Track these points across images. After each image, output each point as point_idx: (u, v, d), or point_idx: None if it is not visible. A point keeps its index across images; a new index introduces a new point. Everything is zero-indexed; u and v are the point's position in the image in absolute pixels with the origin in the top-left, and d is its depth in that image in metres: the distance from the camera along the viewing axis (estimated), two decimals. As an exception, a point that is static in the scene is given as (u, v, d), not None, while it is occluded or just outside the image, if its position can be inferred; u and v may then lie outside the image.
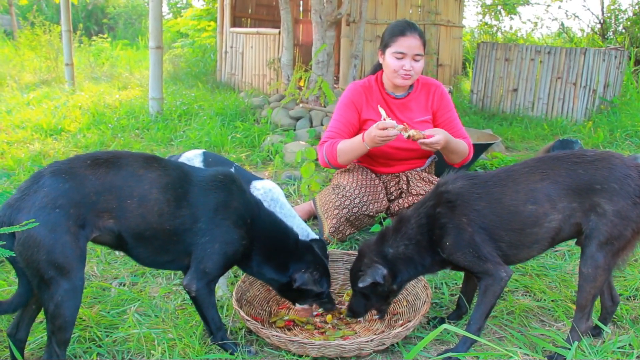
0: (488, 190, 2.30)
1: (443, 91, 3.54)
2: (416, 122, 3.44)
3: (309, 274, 2.33)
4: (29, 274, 1.94)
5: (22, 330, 2.17)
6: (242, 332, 2.49)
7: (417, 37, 3.28)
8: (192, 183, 2.23)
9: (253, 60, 9.93)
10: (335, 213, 3.37)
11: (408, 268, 2.38)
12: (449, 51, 9.90)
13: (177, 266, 2.30)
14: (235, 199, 2.29)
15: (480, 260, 2.25)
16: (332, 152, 3.34)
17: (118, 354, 2.34)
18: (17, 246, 1.90)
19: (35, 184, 1.98)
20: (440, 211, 2.31)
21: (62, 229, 1.92)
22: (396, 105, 3.46)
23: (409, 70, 3.27)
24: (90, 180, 2.02)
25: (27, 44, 13.43)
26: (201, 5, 14.72)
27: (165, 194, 2.14)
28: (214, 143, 5.78)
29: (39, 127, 6.63)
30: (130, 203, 2.07)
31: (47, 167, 2.05)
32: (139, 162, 2.16)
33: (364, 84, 3.50)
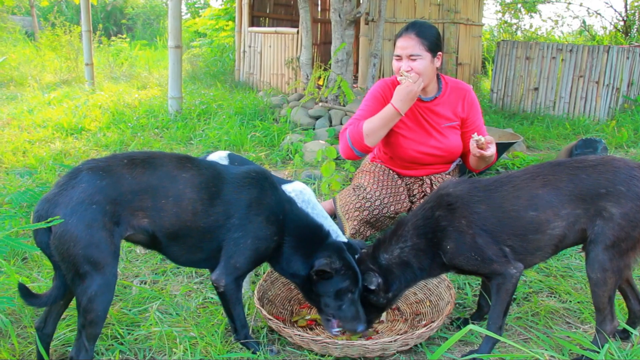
0: (489, 195, 2.27)
1: (473, 97, 3.43)
2: (444, 127, 3.36)
3: (328, 260, 2.27)
4: (63, 268, 1.96)
5: (50, 325, 2.19)
6: (264, 331, 2.47)
7: (412, 36, 3.15)
8: (225, 181, 2.24)
9: (271, 60, 9.93)
10: (355, 215, 3.33)
11: (405, 273, 2.34)
12: (469, 50, 9.83)
13: (210, 264, 2.30)
14: (267, 195, 2.30)
15: (485, 262, 2.22)
16: (358, 133, 3.16)
17: (140, 352, 2.34)
18: (54, 240, 1.91)
19: (73, 179, 2.00)
20: (440, 214, 2.28)
21: (98, 225, 1.94)
22: (423, 109, 3.36)
23: (407, 70, 3.14)
24: (126, 179, 2.04)
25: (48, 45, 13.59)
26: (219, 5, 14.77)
27: (199, 193, 2.16)
28: (234, 142, 5.78)
29: (59, 126, 6.69)
30: (165, 203, 2.09)
31: (85, 164, 2.08)
32: (173, 163, 2.18)
33: (392, 82, 3.39)
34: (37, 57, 13.48)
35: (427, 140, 3.35)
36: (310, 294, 2.39)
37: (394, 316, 2.71)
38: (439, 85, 3.39)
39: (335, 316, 2.33)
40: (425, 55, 3.14)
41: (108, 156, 2.19)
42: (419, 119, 3.35)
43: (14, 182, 4.46)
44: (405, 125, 3.36)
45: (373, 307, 2.41)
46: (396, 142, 3.38)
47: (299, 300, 2.79)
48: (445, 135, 3.37)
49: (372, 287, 2.28)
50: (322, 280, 2.29)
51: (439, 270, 2.41)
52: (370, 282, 2.29)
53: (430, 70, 3.20)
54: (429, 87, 3.33)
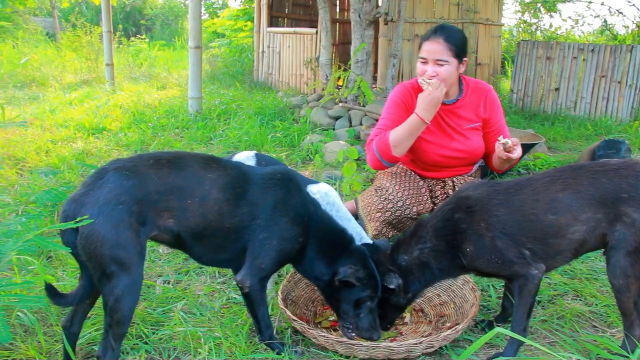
0: (508, 198, 2.25)
1: (494, 97, 3.39)
2: (466, 129, 3.34)
3: (353, 270, 2.27)
4: (90, 268, 1.97)
5: (76, 324, 2.21)
6: (288, 332, 2.47)
7: (440, 41, 3.11)
8: (251, 182, 2.25)
9: (290, 60, 9.94)
10: (377, 216, 3.31)
11: (424, 274, 2.34)
12: (488, 50, 9.76)
13: (235, 264, 2.31)
14: (293, 197, 2.30)
15: (505, 264, 2.20)
16: (385, 144, 3.15)
17: (164, 352, 2.35)
18: (81, 240, 1.93)
19: (100, 179, 2.01)
20: (459, 217, 2.27)
21: (124, 225, 1.95)
22: (444, 112, 3.31)
23: (432, 75, 3.11)
24: (153, 179, 2.05)
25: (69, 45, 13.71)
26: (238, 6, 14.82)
27: (225, 193, 2.16)
28: (254, 142, 5.79)
29: (81, 126, 6.74)
30: (191, 203, 2.10)
31: (111, 164, 2.09)
32: (199, 163, 2.19)
33: (412, 85, 3.35)
34: (58, 58, 13.62)
35: (450, 143, 3.33)
36: (330, 297, 2.39)
37: (417, 318, 2.70)
38: (460, 87, 3.36)
39: (352, 322, 2.34)
40: (452, 62, 3.11)
41: (134, 156, 2.20)
42: (441, 123, 3.32)
43: (37, 181, 4.50)
44: (427, 129, 3.33)
45: (393, 307, 2.41)
46: (418, 146, 3.34)
47: (322, 302, 2.78)
48: (467, 137, 3.34)
49: (391, 287, 2.28)
50: (344, 287, 2.29)
51: (458, 272, 2.40)
52: (390, 282, 2.29)
53: (455, 76, 3.19)
54: (451, 89, 3.30)
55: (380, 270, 2.34)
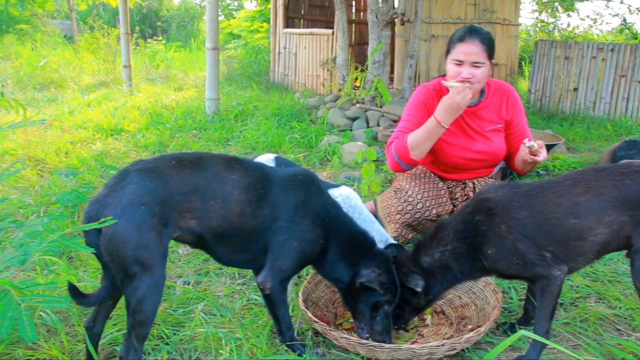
0: (529, 201, 2.23)
1: (516, 97, 3.38)
2: (488, 131, 3.32)
3: (377, 274, 2.27)
4: (113, 269, 1.97)
5: (98, 324, 2.21)
6: (309, 334, 2.47)
7: (477, 43, 3.08)
8: (273, 183, 2.24)
9: (306, 61, 9.95)
10: (397, 218, 3.30)
11: (445, 276, 2.33)
12: (505, 50, 9.71)
13: (255, 265, 2.31)
14: (314, 198, 2.30)
15: (527, 266, 2.17)
16: (403, 147, 3.13)
17: (185, 352, 2.36)
18: (104, 241, 1.93)
19: (122, 180, 2.01)
20: (480, 219, 2.25)
21: (147, 226, 1.95)
22: (467, 114, 3.28)
23: (468, 77, 3.08)
24: (175, 180, 2.05)
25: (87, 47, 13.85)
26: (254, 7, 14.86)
27: (247, 194, 2.16)
28: (271, 143, 5.80)
29: (99, 127, 6.80)
30: (213, 204, 2.10)
31: (133, 165, 2.09)
32: (221, 164, 2.19)
33: (434, 87, 3.34)
34: (76, 60, 13.75)
35: (471, 145, 3.30)
36: (349, 299, 2.39)
37: (439, 320, 2.68)
38: (481, 89, 3.34)
39: (367, 325, 2.35)
40: (487, 64, 3.10)
41: (156, 157, 2.21)
42: (463, 124, 3.30)
43: (57, 182, 4.54)
44: (448, 131, 3.30)
45: (411, 308, 2.41)
46: (439, 147, 3.32)
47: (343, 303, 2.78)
48: (489, 139, 3.31)
49: (418, 289, 2.27)
50: (365, 290, 2.28)
51: (479, 274, 2.38)
52: (416, 284, 2.28)
53: (487, 78, 3.18)
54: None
55: (403, 272, 2.33)
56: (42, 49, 14.68)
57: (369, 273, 2.26)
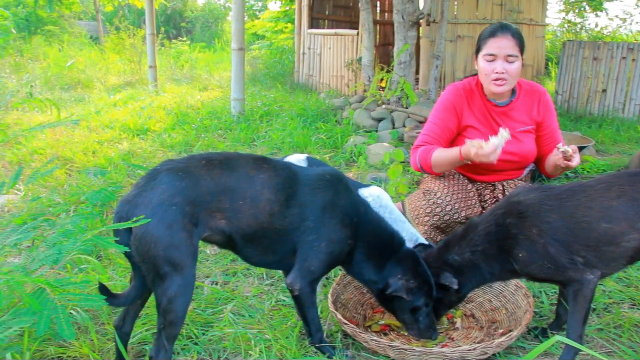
0: (561, 204, 2.19)
1: (548, 99, 3.32)
2: (518, 132, 3.27)
3: (404, 281, 2.24)
4: (144, 269, 1.97)
5: (128, 323, 2.22)
6: (338, 336, 2.45)
7: (509, 37, 3.04)
8: (301, 182, 2.23)
9: (331, 62, 9.94)
10: (425, 220, 3.27)
11: (475, 276, 2.30)
12: (532, 51, 9.59)
13: (284, 265, 2.30)
14: (342, 198, 2.27)
15: (559, 270, 2.14)
16: (427, 160, 3.19)
17: (214, 353, 2.36)
18: (134, 241, 1.93)
19: (152, 180, 2.02)
20: (510, 221, 2.22)
21: (177, 226, 1.95)
22: (497, 114, 3.26)
23: (501, 72, 3.05)
24: (205, 180, 2.05)
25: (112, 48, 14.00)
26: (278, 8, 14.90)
27: (276, 194, 2.15)
28: (297, 144, 5.79)
29: (126, 127, 6.86)
30: (243, 204, 2.09)
31: (163, 165, 2.09)
32: (250, 164, 2.18)
33: (464, 87, 3.31)
34: (102, 60, 13.91)
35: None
36: (383, 302, 2.37)
37: (469, 323, 2.65)
38: (512, 89, 3.30)
39: (411, 326, 2.33)
40: (519, 58, 3.08)
41: (186, 157, 2.21)
42: (492, 125, 3.26)
43: (85, 181, 4.59)
44: (477, 132, 3.28)
45: (442, 305, 2.39)
46: None
47: (372, 305, 2.76)
48: (520, 140, 3.27)
49: (455, 287, 2.25)
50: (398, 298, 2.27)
51: (509, 276, 2.36)
52: (452, 282, 2.25)
53: (519, 74, 3.14)
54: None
55: (433, 270, 2.31)
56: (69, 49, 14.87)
57: (395, 282, 2.23)
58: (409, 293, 2.22)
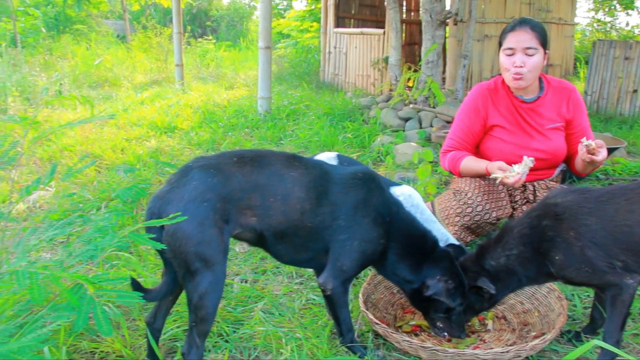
0: (600, 207, 2.14)
1: (578, 97, 3.28)
2: (547, 129, 3.24)
3: (443, 283, 2.23)
4: (175, 265, 1.98)
5: (159, 319, 2.23)
6: (369, 336, 2.44)
7: (527, 30, 3.04)
8: (333, 181, 2.21)
9: (357, 61, 9.92)
10: (456, 220, 3.24)
11: (510, 280, 2.27)
12: (560, 50, 9.47)
13: (315, 264, 2.29)
14: (374, 197, 2.25)
15: (596, 274, 2.10)
16: (455, 167, 3.25)
17: (245, 350, 2.36)
18: (166, 237, 1.93)
19: (184, 177, 2.02)
20: (547, 224, 2.18)
21: (209, 223, 1.95)
22: (525, 110, 3.24)
23: (520, 66, 3.04)
24: (236, 177, 2.05)
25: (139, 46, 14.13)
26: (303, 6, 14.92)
27: (307, 192, 2.14)
28: (324, 143, 5.78)
29: (153, 124, 6.91)
30: (274, 202, 2.08)
31: (195, 162, 2.10)
32: (281, 161, 2.17)
33: (489, 87, 3.31)
34: (129, 59, 14.04)
35: (529, 143, 3.23)
36: (417, 302, 2.35)
37: (500, 326, 2.61)
38: (540, 84, 3.27)
39: (441, 326, 2.32)
40: (540, 50, 3.06)
41: (217, 154, 2.22)
42: (520, 122, 3.23)
43: (115, 178, 4.63)
44: (504, 130, 3.25)
45: (472, 310, 2.37)
46: (495, 146, 3.28)
47: (402, 305, 2.74)
48: (548, 137, 3.24)
49: (492, 291, 2.23)
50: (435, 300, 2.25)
51: (545, 279, 2.33)
52: (489, 287, 2.23)
53: (541, 67, 3.12)
54: (531, 86, 3.21)
55: (469, 275, 2.28)
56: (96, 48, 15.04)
57: (435, 284, 2.22)
58: (448, 295, 2.21)
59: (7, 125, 5.37)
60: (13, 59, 10.00)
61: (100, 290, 1.57)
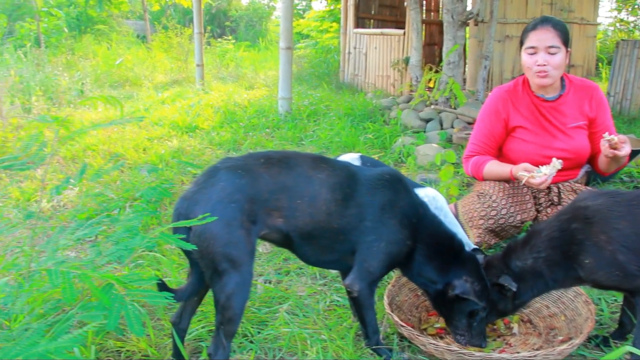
0: (632, 211, 2.12)
1: (601, 95, 3.25)
2: (569, 128, 3.22)
3: (470, 284, 2.22)
4: (202, 265, 1.99)
5: (185, 320, 2.24)
6: (394, 338, 2.43)
7: (549, 28, 3.03)
8: (359, 182, 2.21)
9: (376, 61, 9.90)
10: (480, 223, 3.22)
11: (537, 283, 2.25)
12: (582, 51, 9.38)
13: (341, 266, 2.30)
14: (401, 198, 2.25)
15: (627, 278, 2.07)
16: (478, 172, 3.25)
17: (270, 351, 2.36)
18: (193, 237, 1.94)
19: (212, 178, 2.03)
20: (576, 227, 2.16)
21: (236, 224, 1.96)
22: (546, 109, 3.22)
23: (543, 64, 3.03)
24: (264, 178, 2.06)
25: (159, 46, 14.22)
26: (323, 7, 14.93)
27: (333, 193, 2.14)
28: (345, 144, 5.77)
29: (175, 124, 6.96)
30: (300, 203, 2.09)
31: (222, 163, 2.11)
32: (308, 163, 2.18)
33: (508, 89, 3.30)
34: (149, 59, 14.14)
35: (552, 142, 3.21)
36: (440, 306, 2.34)
37: (526, 329, 2.59)
38: (562, 83, 3.24)
39: (463, 332, 2.30)
40: (562, 49, 3.05)
41: (244, 155, 2.23)
42: (541, 121, 3.21)
43: (138, 177, 4.66)
44: (526, 130, 3.23)
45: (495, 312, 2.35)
46: (517, 148, 3.26)
47: (427, 307, 2.72)
48: (571, 136, 3.21)
49: (513, 288, 2.20)
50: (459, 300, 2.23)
51: (573, 283, 2.30)
52: (510, 283, 2.21)
53: (564, 66, 3.11)
54: (553, 85, 3.19)
55: (493, 273, 2.27)
56: (117, 48, 15.17)
57: (462, 284, 2.21)
58: (475, 295, 2.19)
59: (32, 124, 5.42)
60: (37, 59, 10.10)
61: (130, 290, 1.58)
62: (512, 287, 2.22)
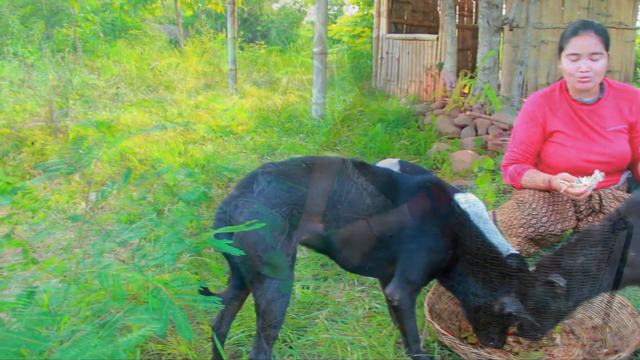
0: None
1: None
2: (609, 132, 3.16)
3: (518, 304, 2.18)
4: (243, 270, 2.01)
5: (225, 324, 2.25)
6: (434, 346, 2.41)
7: (592, 34, 2.97)
8: (400, 189, 2.20)
9: (409, 66, 9.85)
10: (519, 232, 3.17)
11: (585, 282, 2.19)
12: (620, 56, 9.20)
13: (381, 273, 2.29)
14: (442, 206, 2.23)
15: None
16: (516, 181, 3.21)
17: (309, 357, 2.36)
18: (235, 242, 1.94)
19: (253, 183, 2.06)
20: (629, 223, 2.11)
21: (278, 229, 1.96)
22: (585, 112, 3.16)
23: (586, 71, 2.98)
24: (304, 183, 2.07)
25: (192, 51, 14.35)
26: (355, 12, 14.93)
27: (374, 200, 2.13)
28: (380, 149, 5.76)
29: (209, 128, 7.01)
30: (341, 209, 2.08)
31: (263, 167, 2.14)
32: (349, 168, 2.17)
33: (544, 94, 3.26)
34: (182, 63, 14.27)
35: (591, 146, 3.15)
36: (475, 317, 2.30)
37: (569, 340, 2.55)
38: (600, 87, 3.19)
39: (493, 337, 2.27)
40: (604, 55, 3.01)
41: (285, 160, 2.24)
42: (579, 125, 3.16)
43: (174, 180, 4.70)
44: (565, 135, 3.18)
45: (552, 314, 2.28)
46: (555, 152, 3.21)
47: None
48: (610, 140, 3.15)
49: (562, 284, 2.15)
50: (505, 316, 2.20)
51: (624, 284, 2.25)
52: (560, 280, 2.16)
53: (605, 71, 3.06)
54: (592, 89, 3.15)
55: (544, 272, 2.23)
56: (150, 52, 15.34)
57: (513, 302, 2.16)
58: (527, 314, 2.16)
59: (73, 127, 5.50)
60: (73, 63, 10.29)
61: (178, 294, 1.59)
62: (561, 283, 2.17)
